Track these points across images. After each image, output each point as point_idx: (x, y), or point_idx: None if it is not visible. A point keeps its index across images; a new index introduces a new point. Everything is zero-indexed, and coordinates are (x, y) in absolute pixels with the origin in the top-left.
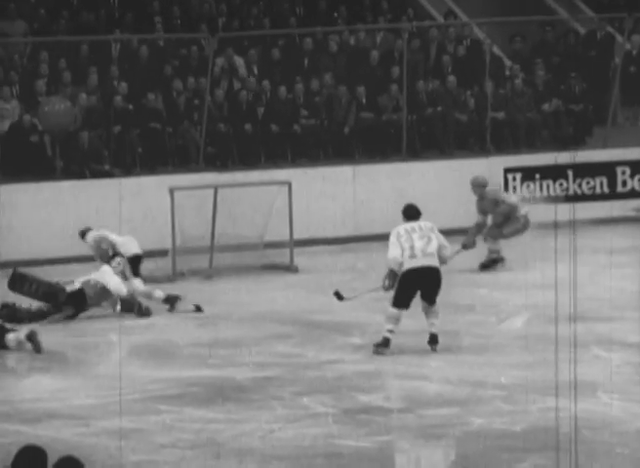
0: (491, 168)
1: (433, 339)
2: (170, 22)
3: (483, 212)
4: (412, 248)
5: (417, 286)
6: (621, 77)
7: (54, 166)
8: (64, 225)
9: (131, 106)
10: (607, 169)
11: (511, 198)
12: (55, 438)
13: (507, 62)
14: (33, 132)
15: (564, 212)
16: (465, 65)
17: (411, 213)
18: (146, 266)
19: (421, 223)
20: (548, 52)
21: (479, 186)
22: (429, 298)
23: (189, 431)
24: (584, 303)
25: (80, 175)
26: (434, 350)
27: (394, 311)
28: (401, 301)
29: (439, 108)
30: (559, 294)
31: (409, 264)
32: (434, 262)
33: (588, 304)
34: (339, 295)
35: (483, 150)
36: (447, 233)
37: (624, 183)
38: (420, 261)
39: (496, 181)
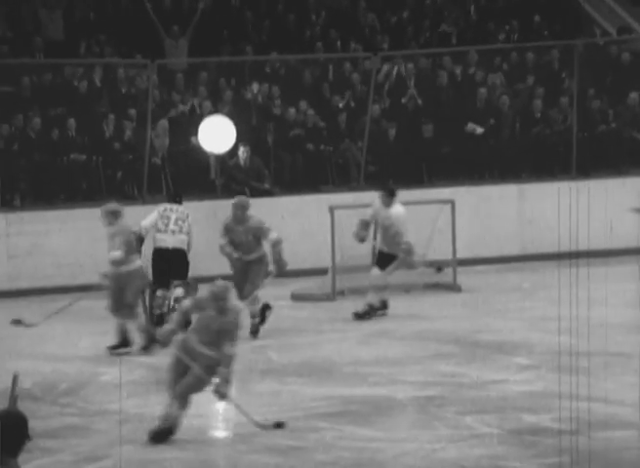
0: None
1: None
2: (328, 42)
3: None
4: None
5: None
6: None
7: (214, 184)
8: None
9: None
10: None
11: None
12: (216, 455)
13: None
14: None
15: None
16: None
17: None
18: (306, 285)
19: None
20: None
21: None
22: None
23: (350, 449)
24: None
25: (240, 193)
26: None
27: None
28: None
29: (613, 125)
30: None
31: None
32: None
33: None
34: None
35: None
36: (623, 253)
37: None
38: None
39: None
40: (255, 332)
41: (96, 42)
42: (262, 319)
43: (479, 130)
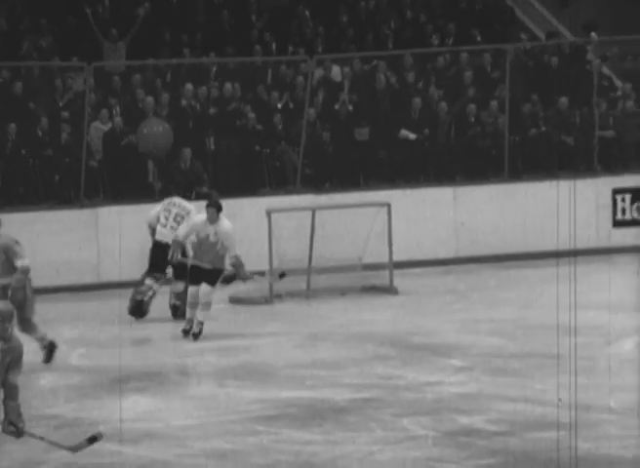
0: (598, 188)
1: None
2: (266, 44)
3: None
4: None
5: None
6: None
7: (153, 188)
8: None
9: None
10: None
11: None
12: (154, 459)
13: (618, 82)
14: (134, 153)
15: None
16: (574, 85)
17: None
18: (244, 288)
19: None
20: None
21: None
22: None
23: (287, 452)
24: None
25: (183, 197)
26: None
27: None
28: None
29: (543, 129)
30: None
31: None
32: None
33: None
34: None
35: (590, 170)
36: (556, 255)
37: None
38: None
39: (604, 203)
40: None
41: (34, 45)
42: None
43: (412, 136)
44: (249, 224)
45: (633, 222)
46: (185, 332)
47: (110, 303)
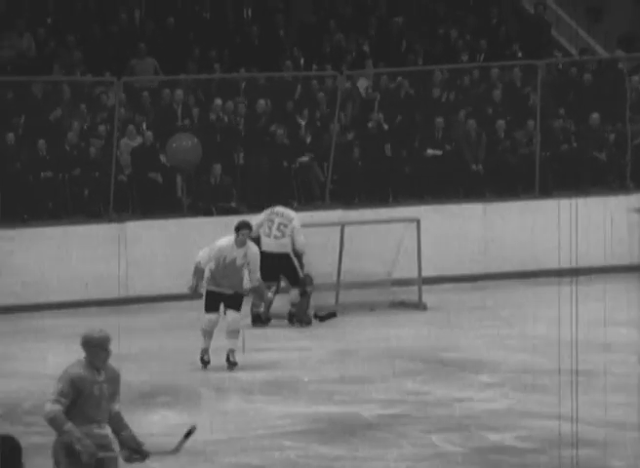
0: (631, 206)
1: None
2: (296, 60)
3: None
4: None
5: None
6: None
7: (181, 202)
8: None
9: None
10: None
11: None
12: None
13: None
14: (163, 168)
15: None
16: (607, 101)
17: None
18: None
19: None
20: None
21: None
22: None
23: None
24: None
25: (206, 212)
26: None
27: None
28: None
29: (575, 145)
30: None
31: None
32: None
33: None
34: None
35: (623, 187)
36: (589, 271)
37: None
38: None
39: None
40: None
41: (62, 63)
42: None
43: (438, 152)
44: None
45: None
46: (204, 363)
47: (139, 318)
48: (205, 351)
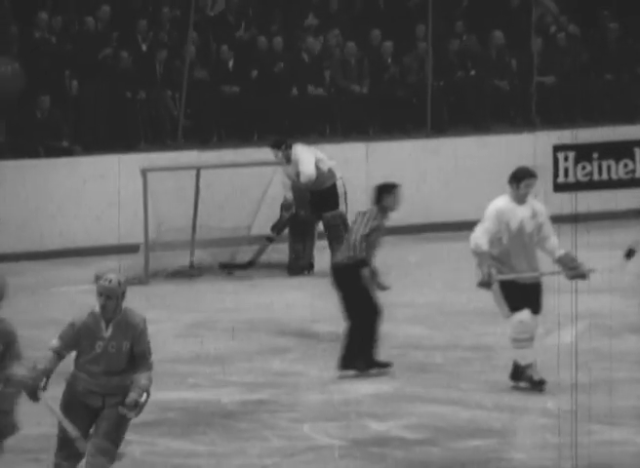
0: (537, 145)
1: None
2: None
3: None
4: None
5: None
6: None
7: None
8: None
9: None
10: None
11: None
12: None
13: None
14: None
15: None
16: (509, 20)
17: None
18: (113, 265)
19: None
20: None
21: None
22: None
23: (164, 467)
24: None
25: (31, 154)
26: None
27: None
28: None
29: (472, 72)
30: (616, 300)
31: None
32: None
33: None
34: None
35: (527, 123)
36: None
37: None
38: None
39: (543, 162)
40: None
41: None
42: None
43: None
44: (120, 186)
45: (577, 186)
46: None
47: None
48: None
